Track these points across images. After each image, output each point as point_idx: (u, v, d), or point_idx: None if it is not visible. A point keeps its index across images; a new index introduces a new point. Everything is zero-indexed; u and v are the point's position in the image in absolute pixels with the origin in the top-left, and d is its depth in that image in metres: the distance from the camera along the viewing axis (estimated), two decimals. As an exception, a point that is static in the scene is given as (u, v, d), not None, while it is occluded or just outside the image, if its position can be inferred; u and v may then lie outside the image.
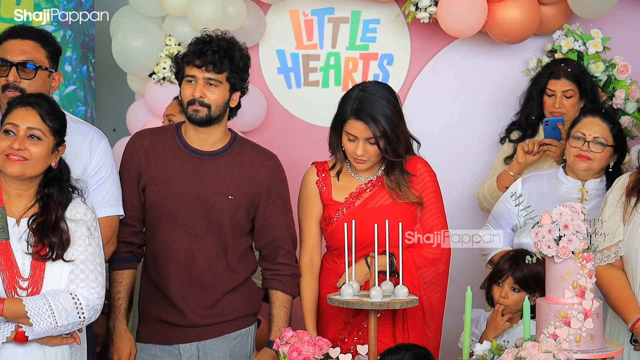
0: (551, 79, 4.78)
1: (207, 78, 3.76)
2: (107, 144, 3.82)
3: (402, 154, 3.85)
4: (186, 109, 3.79)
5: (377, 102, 3.81)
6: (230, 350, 3.85)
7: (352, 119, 3.83)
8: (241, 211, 3.83)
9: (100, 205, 3.69)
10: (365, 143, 3.82)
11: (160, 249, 3.82)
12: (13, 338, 3.24)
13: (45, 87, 3.70)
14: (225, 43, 3.78)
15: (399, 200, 3.87)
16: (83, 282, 3.32)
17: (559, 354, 3.21)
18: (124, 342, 3.82)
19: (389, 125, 3.80)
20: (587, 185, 4.24)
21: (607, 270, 3.78)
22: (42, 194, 3.37)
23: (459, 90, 5.42)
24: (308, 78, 5.45)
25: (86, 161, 3.72)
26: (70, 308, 3.27)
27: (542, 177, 4.36)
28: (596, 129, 4.18)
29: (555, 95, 4.75)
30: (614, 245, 3.78)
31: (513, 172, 4.67)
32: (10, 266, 3.27)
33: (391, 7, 5.35)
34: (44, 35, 3.75)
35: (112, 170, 3.78)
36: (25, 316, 3.23)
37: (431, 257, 3.84)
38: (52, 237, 3.30)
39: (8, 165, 3.32)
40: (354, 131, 3.83)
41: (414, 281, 3.80)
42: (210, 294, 3.82)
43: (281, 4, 5.38)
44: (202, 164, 3.82)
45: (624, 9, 5.30)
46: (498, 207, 4.40)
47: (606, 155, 4.20)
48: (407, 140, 3.88)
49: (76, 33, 5.41)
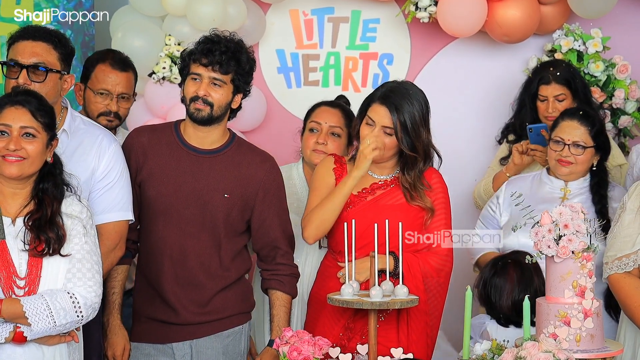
0: (541, 85, 4.73)
1: (213, 77, 3.76)
2: (118, 147, 3.77)
3: (420, 151, 3.82)
4: (188, 106, 3.79)
5: (407, 97, 3.80)
6: (223, 349, 3.85)
7: (377, 103, 3.82)
8: (236, 210, 3.83)
9: (108, 210, 3.68)
10: (381, 131, 3.82)
11: (155, 246, 3.83)
12: (11, 338, 3.24)
13: (57, 89, 3.65)
14: (234, 45, 3.78)
15: (413, 202, 3.84)
16: (80, 280, 3.32)
17: (559, 353, 3.21)
18: (118, 337, 3.81)
19: (411, 121, 3.77)
20: (570, 185, 4.26)
21: (626, 279, 3.75)
22: (38, 189, 3.36)
23: (458, 90, 5.42)
24: (308, 78, 5.46)
25: (94, 165, 3.68)
26: (68, 307, 3.27)
27: (527, 179, 4.40)
28: (574, 133, 4.19)
29: (548, 100, 4.72)
30: (633, 253, 3.75)
31: (509, 173, 4.69)
32: (7, 266, 3.27)
33: (391, 7, 5.35)
34: (56, 37, 3.69)
35: (121, 174, 3.73)
36: (24, 316, 3.22)
37: (436, 265, 3.83)
38: (48, 232, 3.30)
39: (5, 167, 3.31)
40: (374, 115, 3.82)
41: (417, 283, 3.79)
42: (203, 291, 3.82)
43: (281, 4, 5.38)
44: (199, 161, 3.82)
45: (623, 9, 5.30)
46: (484, 209, 4.44)
47: (587, 157, 4.22)
48: (428, 147, 3.85)
49: (76, 33, 5.40)
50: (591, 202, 4.21)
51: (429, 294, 3.82)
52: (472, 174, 5.27)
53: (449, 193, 3.95)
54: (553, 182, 4.29)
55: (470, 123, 5.39)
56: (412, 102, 3.80)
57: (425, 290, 3.80)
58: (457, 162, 5.26)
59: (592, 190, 4.25)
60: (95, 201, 3.66)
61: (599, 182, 4.24)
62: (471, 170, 5.28)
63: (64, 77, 3.69)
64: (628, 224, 3.77)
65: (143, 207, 3.85)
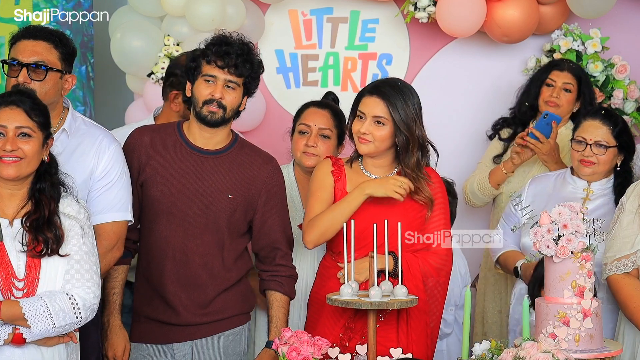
0: (554, 70, 4.79)
1: (228, 80, 3.75)
2: (118, 148, 3.76)
3: (414, 137, 3.79)
4: (200, 108, 3.76)
5: (395, 86, 3.81)
6: (224, 349, 3.85)
7: (366, 95, 3.83)
8: (239, 211, 3.83)
9: (106, 210, 3.67)
10: (372, 122, 3.81)
11: (156, 246, 3.82)
12: (10, 340, 3.23)
13: (57, 88, 3.65)
14: (247, 47, 3.77)
15: (415, 196, 3.83)
16: (78, 281, 3.31)
17: (558, 353, 3.21)
18: (119, 338, 3.81)
19: (402, 104, 3.77)
20: (592, 186, 4.22)
21: (625, 280, 3.75)
22: (35, 189, 3.35)
23: (457, 90, 5.42)
24: (307, 78, 5.46)
25: (93, 165, 3.68)
26: (67, 308, 3.26)
27: (550, 177, 4.36)
28: (597, 132, 4.16)
29: (555, 86, 4.74)
30: (632, 254, 3.74)
31: (506, 170, 4.69)
32: (5, 267, 3.26)
33: (390, 7, 5.35)
34: (57, 37, 3.69)
35: (121, 174, 3.73)
36: (23, 318, 3.22)
37: (436, 265, 3.82)
38: (46, 232, 3.29)
39: (2, 168, 3.30)
40: (364, 107, 3.81)
41: (417, 283, 3.78)
42: (205, 292, 3.81)
43: (280, 4, 5.38)
44: (203, 162, 3.82)
45: (622, 9, 5.30)
46: (507, 207, 4.41)
47: (610, 157, 4.18)
48: (422, 138, 3.83)
49: (75, 33, 5.41)
50: (613, 203, 4.13)
51: (429, 294, 3.82)
52: (471, 173, 5.28)
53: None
54: (576, 182, 4.25)
55: (470, 123, 5.39)
56: (402, 90, 3.80)
57: (425, 290, 3.80)
58: (456, 162, 5.25)
59: (615, 191, 4.18)
60: (94, 201, 3.66)
61: (623, 183, 4.15)
62: (469, 170, 5.27)
63: (65, 76, 3.69)
64: (627, 225, 3.76)
65: (145, 207, 3.84)
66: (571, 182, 4.26)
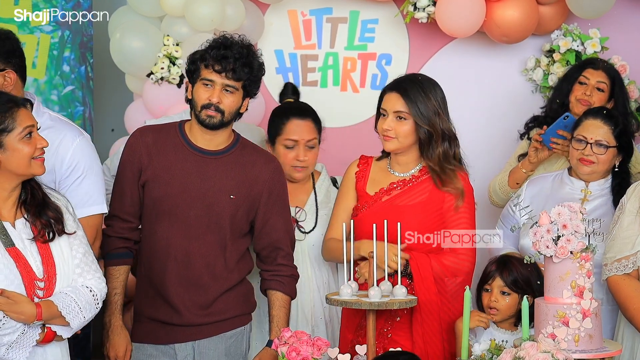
0: (589, 68, 4.71)
1: (225, 84, 3.75)
2: (84, 141, 3.73)
3: (437, 129, 3.82)
4: (199, 112, 3.77)
5: (416, 82, 3.85)
6: (225, 350, 3.85)
7: (387, 92, 3.88)
8: (241, 212, 3.83)
9: (80, 205, 3.65)
10: (394, 119, 3.83)
11: (158, 247, 3.82)
12: (42, 340, 3.28)
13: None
14: (246, 50, 3.77)
15: (443, 188, 3.84)
16: (89, 273, 3.38)
17: (557, 354, 3.21)
18: (121, 338, 3.81)
19: (422, 102, 3.80)
20: (590, 186, 4.22)
21: (625, 281, 3.73)
22: (25, 183, 3.36)
23: (457, 90, 5.40)
24: (306, 78, 5.46)
25: (54, 160, 3.64)
26: (90, 300, 3.34)
27: (548, 178, 4.35)
28: (597, 132, 4.16)
29: (588, 84, 4.66)
30: (632, 255, 3.73)
31: (525, 169, 4.66)
32: (28, 270, 3.28)
33: (389, 7, 5.35)
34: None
35: (90, 167, 3.71)
36: (60, 315, 3.27)
37: (451, 265, 3.82)
38: (48, 212, 3.33)
39: (38, 167, 3.33)
40: (385, 104, 3.86)
41: (428, 284, 3.78)
42: (207, 293, 3.82)
43: (279, 4, 5.38)
44: (205, 162, 3.82)
45: (622, 9, 5.30)
46: (505, 209, 4.41)
47: (609, 157, 4.18)
48: (449, 132, 3.87)
49: (74, 33, 5.41)
50: (612, 203, 4.14)
51: (447, 296, 3.82)
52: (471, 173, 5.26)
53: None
54: (574, 183, 4.25)
55: (469, 123, 5.38)
56: (422, 84, 3.86)
57: (438, 292, 3.79)
58: (456, 162, 5.26)
59: (613, 192, 4.18)
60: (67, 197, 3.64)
61: (621, 184, 4.16)
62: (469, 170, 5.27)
63: (2, 73, 3.62)
64: (627, 226, 3.76)
65: (146, 207, 3.84)
66: (569, 183, 4.26)
